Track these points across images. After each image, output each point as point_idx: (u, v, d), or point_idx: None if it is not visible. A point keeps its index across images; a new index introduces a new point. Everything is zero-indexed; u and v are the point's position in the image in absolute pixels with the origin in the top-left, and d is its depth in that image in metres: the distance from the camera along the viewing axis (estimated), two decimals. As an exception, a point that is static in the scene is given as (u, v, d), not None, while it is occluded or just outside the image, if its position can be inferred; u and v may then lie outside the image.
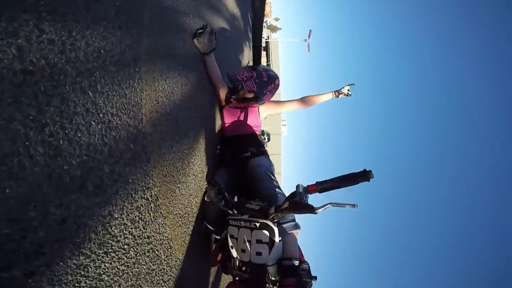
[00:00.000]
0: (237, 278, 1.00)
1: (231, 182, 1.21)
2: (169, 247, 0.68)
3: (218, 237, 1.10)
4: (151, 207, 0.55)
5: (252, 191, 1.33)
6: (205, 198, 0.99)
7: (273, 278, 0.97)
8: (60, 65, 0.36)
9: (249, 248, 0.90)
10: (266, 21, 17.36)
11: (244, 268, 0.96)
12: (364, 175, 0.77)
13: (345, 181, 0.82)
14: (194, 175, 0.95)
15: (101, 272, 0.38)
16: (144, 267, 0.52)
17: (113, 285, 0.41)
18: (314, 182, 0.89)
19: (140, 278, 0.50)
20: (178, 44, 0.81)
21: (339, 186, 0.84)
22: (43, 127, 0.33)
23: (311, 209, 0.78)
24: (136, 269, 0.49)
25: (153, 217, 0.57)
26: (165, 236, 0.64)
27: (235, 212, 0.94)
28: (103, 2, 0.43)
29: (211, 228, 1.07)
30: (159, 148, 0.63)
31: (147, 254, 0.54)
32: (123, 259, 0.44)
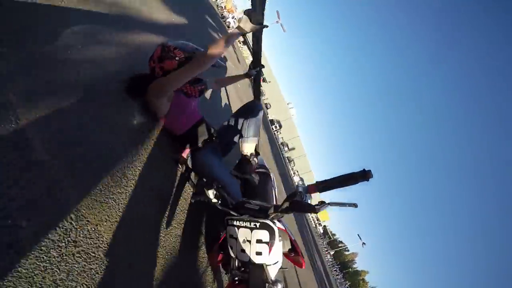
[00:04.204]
0: (236, 279, 1.08)
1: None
2: (109, 252, 0.83)
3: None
4: (70, 216, 0.71)
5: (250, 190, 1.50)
6: (191, 200, 1.06)
7: (273, 278, 1.04)
8: None
9: (249, 248, 0.97)
10: (234, 16, 17.53)
11: (243, 269, 1.06)
12: (363, 175, 0.81)
13: (345, 181, 0.85)
14: (138, 184, 1.10)
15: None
16: (76, 266, 0.68)
17: (34, 277, 0.57)
18: (314, 182, 0.94)
19: (72, 274, 0.66)
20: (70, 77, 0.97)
21: (339, 185, 0.87)
22: None
23: (312, 209, 0.85)
24: (64, 266, 0.65)
25: (77, 225, 0.73)
26: (102, 242, 0.80)
27: (234, 212, 1.01)
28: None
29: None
30: (71, 172, 0.79)
31: (77, 255, 0.69)
32: (43, 257, 0.60)
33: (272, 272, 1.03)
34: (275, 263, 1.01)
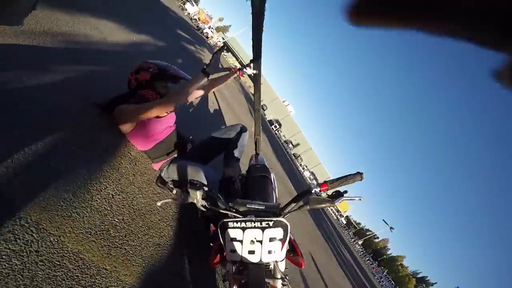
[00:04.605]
0: (235, 286, 1.07)
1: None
2: (78, 258, 0.93)
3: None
4: (30, 229, 0.81)
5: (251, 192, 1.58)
6: (174, 203, 1.10)
7: (283, 271, 1.09)
8: None
9: (259, 248, 0.98)
10: (210, 26, 18.03)
11: (241, 268, 1.07)
12: (358, 176, 1.03)
13: (345, 180, 1.04)
14: (104, 198, 1.20)
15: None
16: (40, 273, 0.78)
17: (-4, 282, 0.67)
18: (323, 181, 1.09)
19: (37, 280, 0.76)
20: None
21: (342, 184, 1.05)
22: None
23: (330, 202, 1.00)
24: (27, 273, 0.75)
25: (39, 236, 0.83)
26: (67, 251, 0.90)
27: (237, 214, 1.01)
28: None
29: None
30: (26, 193, 0.90)
31: (40, 263, 0.79)
32: (4, 265, 0.70)
33: (282, 268, 1.09)
34: (283, 259, 1.06)
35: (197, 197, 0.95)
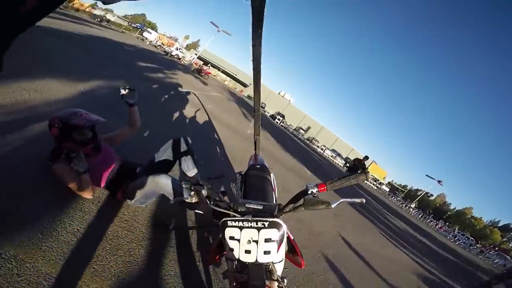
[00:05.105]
0: (235, 284, 1.11)
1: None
2: (51, 277, 1.31)
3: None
4: (10, 260, 1.22)
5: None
6: (170, 201, 1.15)
7: (280, 274, 1.09)
8: None
9: (255, 248, 0.98)
10: (178, 47, 18.71)
11: (240, 269, 1.09)
12: (364, 175, 1.00)
13: (348, 180, 1.01)
14: (69, 232, 1.59)
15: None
16: None
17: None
18: (322, 182, 1.07)
19: None
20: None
21: (344, 184, 1.02)
22: None
23: (327, 205, 0.96)
24: None
25: (17, 264, 1.23)
26: (41, 273, 1.29)
27: (234, 213, 1.04)
28: None
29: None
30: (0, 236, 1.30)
31: (21, 282, 1.19)
32: (-6, 285, 1.10)
33: (279, 269, 1.09)
34: (281, 260, 1.07)
35: (200, 196, 1.01)
